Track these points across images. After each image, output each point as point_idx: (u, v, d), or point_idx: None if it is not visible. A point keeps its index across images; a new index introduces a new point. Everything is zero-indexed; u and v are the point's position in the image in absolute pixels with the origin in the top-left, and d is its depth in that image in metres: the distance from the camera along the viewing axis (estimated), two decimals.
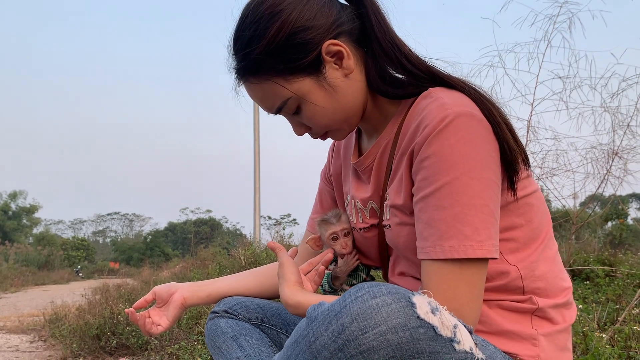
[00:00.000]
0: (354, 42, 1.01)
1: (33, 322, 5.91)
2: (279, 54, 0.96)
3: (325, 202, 1.33)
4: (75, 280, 21.87)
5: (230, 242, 28.59)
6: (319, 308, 0.75)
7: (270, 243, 1.11)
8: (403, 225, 0.98)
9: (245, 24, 0.98)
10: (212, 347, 1.23)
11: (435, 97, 0.93)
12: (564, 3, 3.53)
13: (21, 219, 44.56)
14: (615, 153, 3.88)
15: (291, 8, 0.95)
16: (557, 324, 0.97)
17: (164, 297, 1.28)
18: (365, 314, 0.70)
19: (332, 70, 0.99)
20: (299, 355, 0.75)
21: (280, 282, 1.05)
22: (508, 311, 0.95)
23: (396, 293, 0.72)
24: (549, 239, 1.02)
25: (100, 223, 73.39)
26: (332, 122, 1.04)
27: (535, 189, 1.00)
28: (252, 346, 1.16)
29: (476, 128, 0.87)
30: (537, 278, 0.96)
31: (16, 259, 25.18)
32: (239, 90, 1.05)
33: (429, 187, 0.87)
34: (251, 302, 1.26)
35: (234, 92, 1.06)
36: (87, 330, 3.93)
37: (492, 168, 0.88)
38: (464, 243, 0.84)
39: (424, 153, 0.88)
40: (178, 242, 53.97)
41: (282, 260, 1.08)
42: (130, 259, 39.35)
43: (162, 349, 3.63)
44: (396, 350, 0.69)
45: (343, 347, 0.70)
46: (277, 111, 1.04)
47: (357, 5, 1.01)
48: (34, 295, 12.05)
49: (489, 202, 0.86)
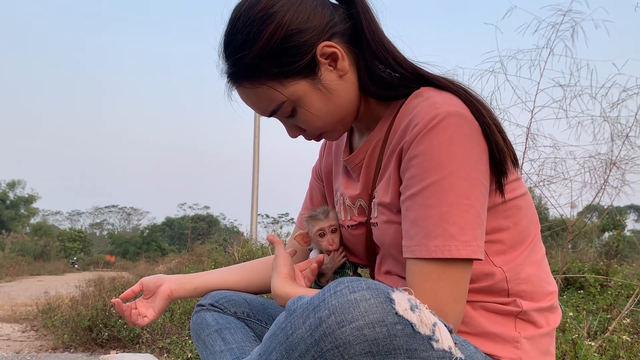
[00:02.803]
0: (346, 43, 0.99)
1: (26, 312, 5.91)
2: (274, 58, 0.94)
3: (315, 198, 1.33)
4: (71, 272, 21.83)
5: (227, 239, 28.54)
6: (298, 301, 0.75)
7: (269, 236, 1.12)
8: (390, 223, 0.97)
9: (237, 27, 0.95)
10: (196, 340, 1.22)
11: (426, 97, 0.93)
12: (568, 11, 3.53)
13: (19, 208, 44.51)
14: (613, 163, 3.88)
15: (284, 10, 0.93)
16: (540, 328, 0.97)
17: (152, 289, 1.28)
18: (343, 308, 0.69)
19: (327, 72, 0.98)
20: (276, 347, 0.74)
21: (273, 273, 1.06)
22: (492, 313, 0.95)
23: (375, 289, 0.72)
24: (536, 242, 1.02)
25: (97, 215, 73.47)
26: (327, 123, 1.03)
27: (524, 192, 1.00)
28: (236, 340, 1.16)
29: (466, 128, 0.87)
30: (522, 281, 0.96)
31: (12, 249, 25.17)
32: (231, 94, 1.03)
33: (417, 185, 0.87)
34: (237, 297, 1.25)
35: (227, 97, 1.04)
36: (79, 322, 3.93)
37: (480, 169, 0.87)
38: (449, 243, 0.84)
39: (413, 151, 0.88)
40: (175, 237, 53.94)
41: (278, 252, 1.10)
42: (127, 252, 39.36)
43: (153, 342, 3.62)
44: (373, 345, 0.69)
45: (319, 340, 0.70)
46: (271, 114, 1.02)
47: (348, 6, 1.00)
48: (28, 285, 12.04)
49: (475, 203, 0.86)
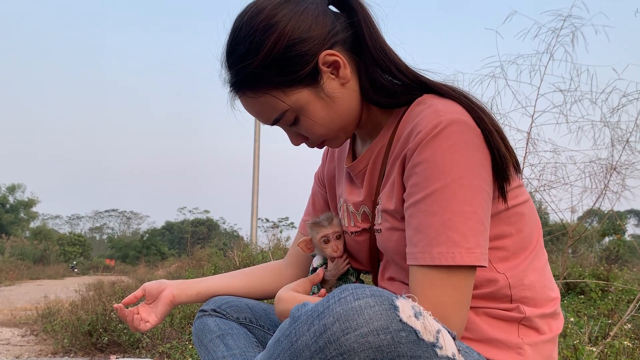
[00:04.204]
0: (348, 51, 1.00)
1: (26, 316, 5.90)
2: (276, 67, 0.94)
3: (318, 204, 1.33)
4: (70, 276, 21.84)
5: (227, 243, 28.52)
6: (302, 308, 0.75)
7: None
8: (394, 230, 0.98)
9: (240, 37, 0.96)
10: (199, 346, 1.22)
11: (429, 104, 0.93)
12: (568, 17, 3.55)
13: (18, 212, 44.45)
14: (614, 168, 3.89)
15: (286, 20, 0.94)
16: (543, 334, 0.97)
17: (154, 294, 1.28)
18: (347, 315, 0.69)
19: (329, 80, 0.98)
20: (280, 354, 0.75)
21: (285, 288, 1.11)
22: (495, 319, 0.95)
23: (380, 296, 0.72)
24: (539, 248, 1.02)
25: (97, 219, 73.35)
26: (329, 131, 1.03)
27: (526, 199, 1.00)
28: (238, 346, 1.16)
29: (468, 135, 0.87)
30: (525, 287, 0.96)
31: (12, 253, 25.16)
32: (234, 104, 1.04)
33: (420, 193, 0.87)
34: (240, 302, 1.26)
35: (229, 106, 1.04)
36: (79, 326, 3.92)
37: (483, 176, 0.88)
38: (453, 250, 0.84)
39: (416, 159, 0.88)
40: (175, 242, 53.86)
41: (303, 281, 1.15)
42: (126, 256, 39.31)
43: (153, 347, 3.62)
44: (377, 352, 0.69)
45: (324, 347, 0.70)
46: (274, 123, 1.03)
47: (349, 14, 1.00)
48: (28, 289, 12.03)
49: (478, 210, 0.86)
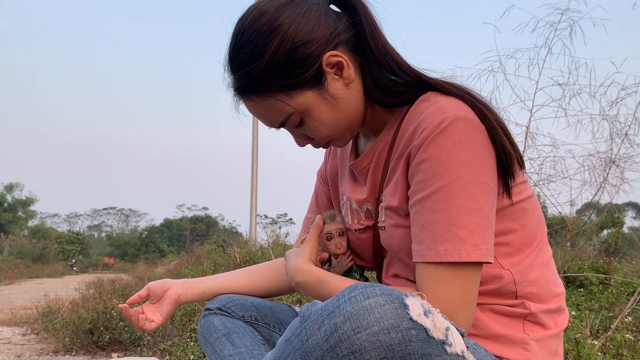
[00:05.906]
0: (350, 51, 1.00)
1: (26, 315, 5.90)
2: (280, 70, 0.94)
3: (321, 201, 1.33)
4: (70, 274, 21.83)
5: (225, 240, 28.54)
6: (312, 307, 0.76)
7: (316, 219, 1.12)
8: (397, 227, 0.98)
9: (242, 41, 0.96)
10: (204, 344, 1.23)
11: (433, 101, 0.93)
12: (566, 10, 3.55)
13: (17, 211, 44.39)
14: (613, 161, 3.90)
15: (289, 22, 0.94)
16: (548, 329, 0.98)
17: (158, 293, 1.28)
18: (358, 314, 0.70)
19: (333, 81, 0.98)
20: (291, 353, 0.75)
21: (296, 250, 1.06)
22: (500, 315, 0.96)
23: (389, 294, 0.72)
24: (543, 244, 1.03)
25: (96, 217, 73.22)
26: (335, 132, 1.04)
27: (530, 195, 1.01)
28: (244, 344, 1.16)
29: (473, 132, 0.87)
30: (530, 283, 0.97)
31: (11, 252, 25.15)
32: (239, 108, 1.04)
33: (425, 190, 0.88)
34: (245, 300, 1.26)
35: (234, 110, 1.04)
36: (80, 325, 3.93)
37: (488, 172, 0.88)
38: (459, 247, 0.84)
39: (421, 156, 0.89)
40: (173, 239, 53.84)
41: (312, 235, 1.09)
42: (125, 254, 39.33)
43: (154, 345, 3.62)
44: (388, 351, 0.69)
45: (335, 346, 0.70)
46: (280, 126, 1.03)
47: (351, 14, 1.00)
48: (27, 288, 12.03)
49: (484, 206, 0.86)
